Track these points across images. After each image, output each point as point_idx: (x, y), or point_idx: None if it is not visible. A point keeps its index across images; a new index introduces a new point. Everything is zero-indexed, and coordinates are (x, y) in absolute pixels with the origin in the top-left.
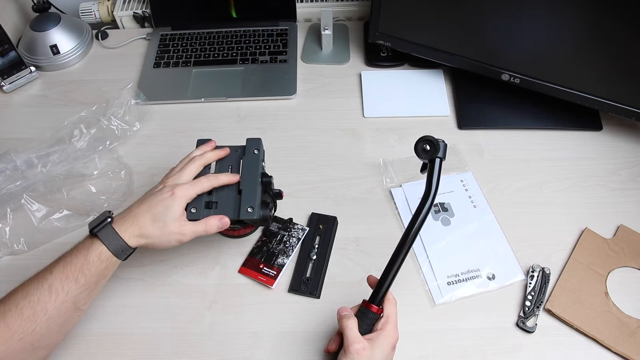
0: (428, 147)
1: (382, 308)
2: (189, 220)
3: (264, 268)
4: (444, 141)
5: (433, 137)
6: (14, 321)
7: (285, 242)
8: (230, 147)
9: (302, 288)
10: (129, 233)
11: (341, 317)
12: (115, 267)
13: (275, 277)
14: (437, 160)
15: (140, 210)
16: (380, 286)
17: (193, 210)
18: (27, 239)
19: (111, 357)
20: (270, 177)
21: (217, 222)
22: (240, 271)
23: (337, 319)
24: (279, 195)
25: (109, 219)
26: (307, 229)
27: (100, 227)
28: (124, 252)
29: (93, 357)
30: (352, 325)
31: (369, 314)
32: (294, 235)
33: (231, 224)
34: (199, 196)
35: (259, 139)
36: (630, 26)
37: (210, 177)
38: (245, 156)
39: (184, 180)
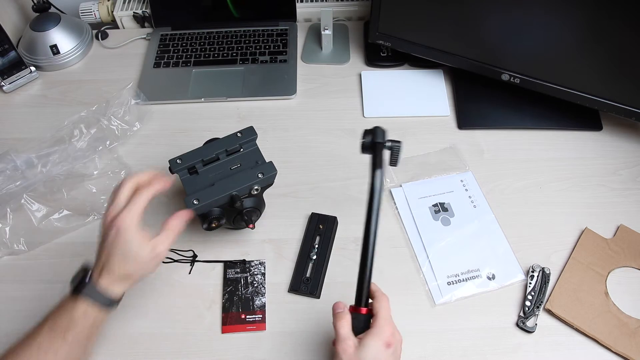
0: (368, 137)
1: (371, 308)
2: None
3: (247, 317)
4: (380, 127)
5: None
6: None
7: (252, 282)
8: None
9: (302, 288)
10: (108, 284)
11: (334, 315)
12: (105, 317)
13: (263, 320)
14: (379, 145)
15: (106, 257)
16: (360, 288)
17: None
18: (27, 239)
19: (111, 357)
20: (251, 208)
21: (177, 221)
22: (224, 331)
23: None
24: (246, 219)
25: (88, 275)
26: (265, 260)
27: (82, 287)
28: (112, 305)
29: (92, 356)
30: (343, 324)
31: (360, 317)
32: (255, 272)
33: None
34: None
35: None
36: (630, 26)
37: (143, 191)
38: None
39: (119, 208)
